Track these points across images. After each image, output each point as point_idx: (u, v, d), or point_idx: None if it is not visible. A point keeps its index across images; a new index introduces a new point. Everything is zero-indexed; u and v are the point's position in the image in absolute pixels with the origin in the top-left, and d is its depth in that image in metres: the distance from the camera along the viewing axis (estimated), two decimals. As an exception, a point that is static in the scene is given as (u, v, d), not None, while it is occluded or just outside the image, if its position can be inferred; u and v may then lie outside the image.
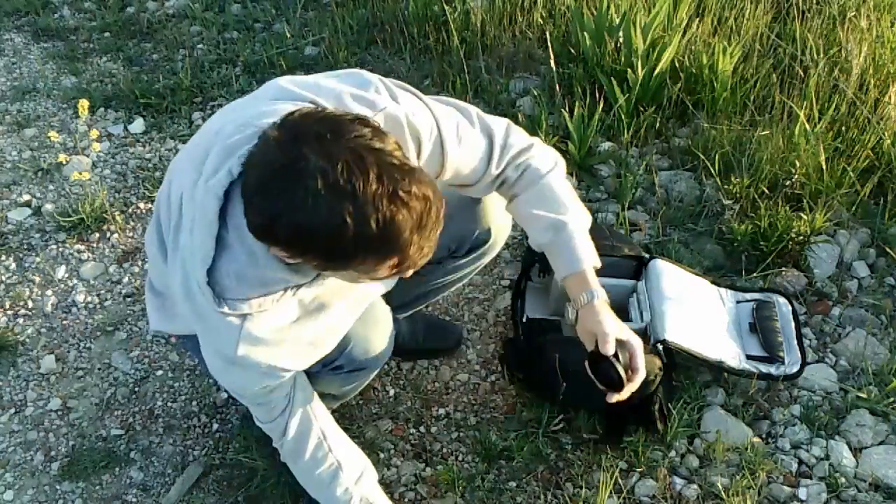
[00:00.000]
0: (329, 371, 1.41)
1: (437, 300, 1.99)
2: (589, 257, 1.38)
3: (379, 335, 1.45)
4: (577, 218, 1.38)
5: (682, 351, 1.75)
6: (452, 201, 1.44)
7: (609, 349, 1.33)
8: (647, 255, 1.94)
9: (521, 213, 1.40)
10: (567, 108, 2.44)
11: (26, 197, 2.44)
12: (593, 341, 1.35)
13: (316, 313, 1.24)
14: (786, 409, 1.83)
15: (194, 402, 1.89)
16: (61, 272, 2.21)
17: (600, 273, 1.90)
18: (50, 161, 2.56)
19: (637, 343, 1.37)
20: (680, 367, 1.85)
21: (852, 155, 2.24)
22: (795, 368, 1.82)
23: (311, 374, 1.39)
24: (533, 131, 2.39)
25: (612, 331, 1.34)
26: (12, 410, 1.88)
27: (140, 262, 2.23)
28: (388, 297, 1.50)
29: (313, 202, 0.94)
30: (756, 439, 1.77)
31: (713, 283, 1.97)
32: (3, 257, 2.25)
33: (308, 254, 1.01)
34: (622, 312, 1.90)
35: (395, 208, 0.95)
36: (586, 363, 1.38)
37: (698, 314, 1.85)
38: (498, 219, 1.55)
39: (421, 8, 2.91)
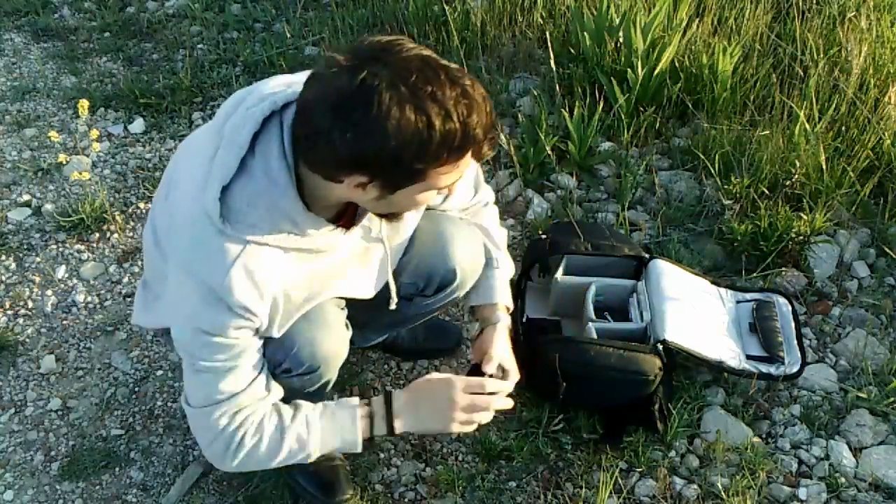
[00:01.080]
0: (281, 374, 1.39)
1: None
2: (506, 299, 1.59)
3: (327, 337, 1.39)
4: (508, 261, 1.62)
5: (681, 351, 1.75)
6: (421, 241, 1.47)
7: (489, 369, 1.47)
8: (647, 255, 1.94)
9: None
10: (567, 108, 2.44)
11: (26, 197, 2.44)
12: (482, 357, 1.49)
13: (306, 281, 1.27)
14: (786, 409, 1.83)
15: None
16: (61, 272, 2.21)
17: (601, 273, 1.92)
18: (50, 161, 2.56)
19: (515, 376, 1.52)
20: (680, 367, 1.85)
21: (852, 155, 2.24)
22: (795, 368, 1.82)
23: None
24: (533, 131, 2.39)
25: (500, 355, 1.50)
26: (12, 410, 1.88)
27: (140, 262, 2.23)
28: (361, 322, 1.51)
29: (399, 112, 1.00)
30: (756, 439, 1.77)
31: (713, 283, 1.97)
32: (3, 257, 2.25)
33: (398, 166, 1.05)
34: (622, 312, 1.90)
35: (468, 103, 1.04)
36: (466, 373, 1.52)
37: (698, 314, 1.85)
38: (464, 260, 1.52)
39: (421, 8, 2.91)
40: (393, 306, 1.49)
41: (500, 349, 1.51)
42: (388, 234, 1.39)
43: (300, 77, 1.15)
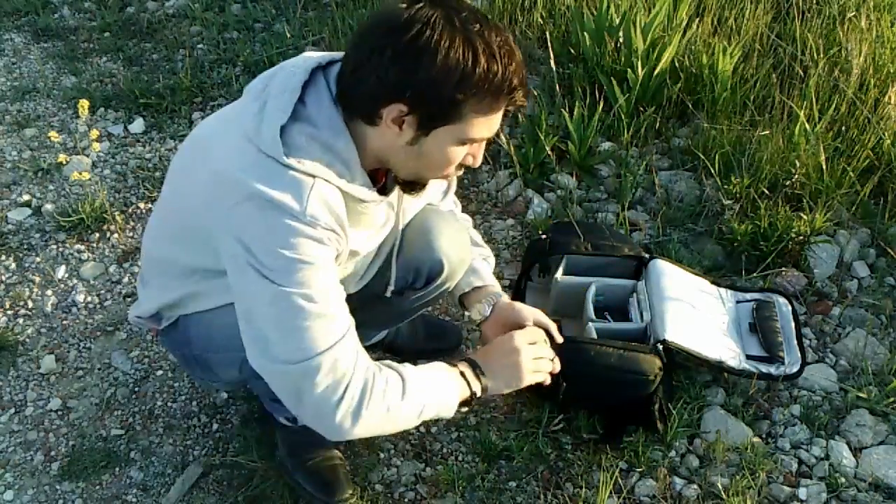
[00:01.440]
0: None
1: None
2: (496, 284, 1.63)
3: None
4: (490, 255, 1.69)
5: (682, 351, 1.75)
6: (407, 235, 1.48)
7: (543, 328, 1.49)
8: (647, 255, 1.94)
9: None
10: (567, 108, 2.44)
11: (26, 197, 2.44)
12: (513, 328, 1.47)
13: (354, 229, 1.28)
14: (786, 409, 1.83)
15: (194, 402, 1.89)
16: (61, 272, 2.21)
17: (601, 273, 1.92)
18: (50, 161, 2.56)
19: (552, 325, 1.53)
20: (680, 367, 1.85)
21: (852, 155, 2.24)
22: (795, 368, 1.82)
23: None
24: (533, 131, 2.39)
25: (533, 313, 1.52)
26: (12, 410, 1.88)
27: (140, 262, 2.23)
28: (358, 322, 1.51)
29: (449, 41, 1.09)
30: (756, 439, 1.77)
31: (713, 283, 1.97)
32: (3, 257, 2.25)
33: (439, 93, 1.11)
34: (622, 312, 1.90)
35: (510, 51, 1.14)
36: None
37: (698, 314, 1.85)
38: (450, 251, 1.54)
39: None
40: (388, 294, 1.51)
41: (528, 310, 1.52)
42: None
43: (328, 53, 1.24)
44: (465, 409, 1.37)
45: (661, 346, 1.74)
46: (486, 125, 1.19)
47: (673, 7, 2.54)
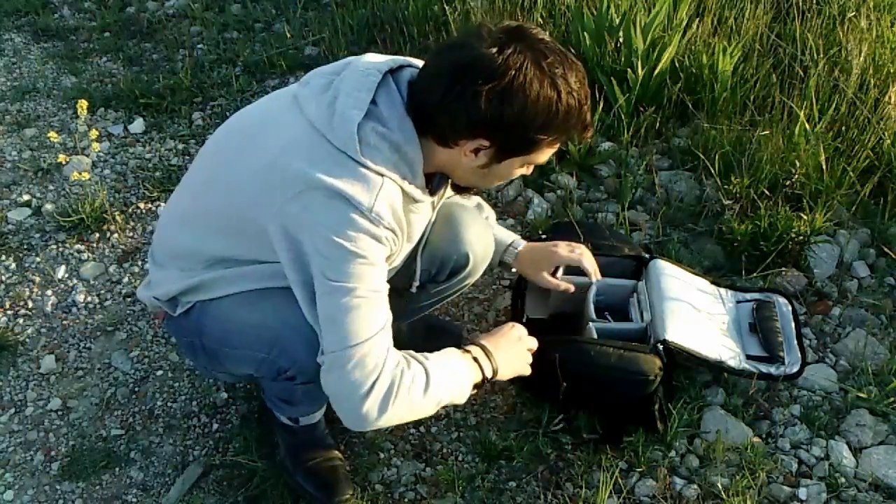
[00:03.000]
0: (283, 381, 1.40)
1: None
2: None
3: None
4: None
5: (682, 351, 1.75)
6: (433, 227, 1.50)
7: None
8: (647, 255, 1.94)
9: None
10: (567, 108, 2.44)
11: (26, 197, 2.44)
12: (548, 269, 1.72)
13: (407, 226, 1.33)
14: (786, 409, 1.83)
15: (194, 402, 1.89)
16: (61, 272, 2.21)
17: (601, 273, 1.91)
18: (50, 161, 2.56)
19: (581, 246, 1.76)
20: (680, 367, 1.85)
21: (852, 155, 2.24)
22: (795, 368, 1.82)
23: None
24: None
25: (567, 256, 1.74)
26: (12, 410, 1.88)
27: (140, 262, 2.23)
28: None
29: (539, 85, 1.16)
30: (756, 439, 1.77)
31: (713, 283, 1.97)
32: (3, 257, 2.25)
33: (524, 132, 1.20)
34: (622, 312, 1.90)
35: (586, 90, 1.24)
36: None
37: (698, 314, 1.85)
38: (476, 245, 1.59)
39: (421, 8, 2.91)
40: (414, 289, 1.56)
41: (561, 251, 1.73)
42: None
43: (391, 56, 1.29)
44: (474, 392, 1.41)
45: (661, 346, 1.74)
46: (550, 153, 1.30)
47: (673, 7, 2.54)
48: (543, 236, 1.96)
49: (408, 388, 1.24)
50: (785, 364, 1.82)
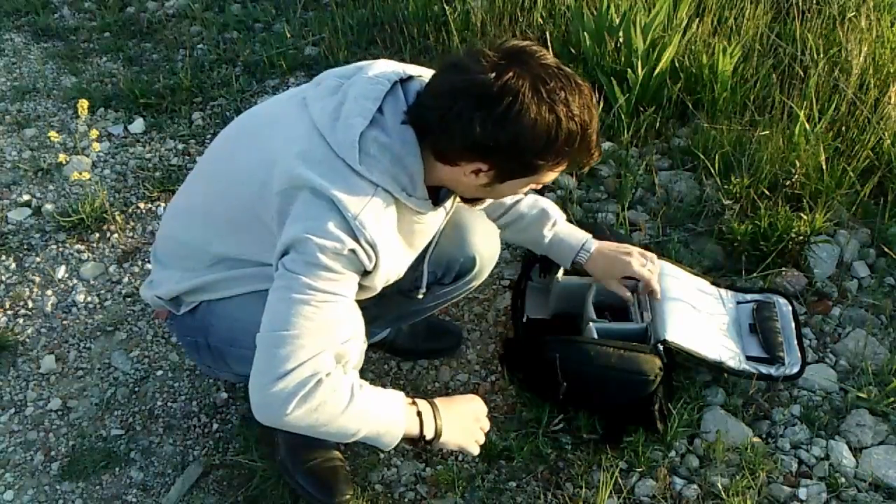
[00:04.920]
0: None
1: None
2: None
3: None
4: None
5: (682, 351, 1.75)
6: (441, 230, 1.49)
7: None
8: (647, 255, 1.94)
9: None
10: (567, 108, 2.44)
11: (26, 197, 2.44)
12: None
13: (404, 238, 1.32)
14: (786, 409, 1.83)
15: (194, 402, 1.89)
16: (61, 272, 2.21)
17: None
18: (50, 161, 2.56)
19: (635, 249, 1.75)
20: (680, 367, 1.85)
21: (852, 155, 2.24)
22: (795, 369, 1.82)
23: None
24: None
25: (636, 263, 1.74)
26: (12, 410, 1.88)
27: (140, 262, 2.23)
28: (371, 317, 1.50)
29: (537, 110, 1.13)
30: (756, 439, 1.77)
31: (713, 283, 1.97)
32: (3, 257, 2.25)
33: (523, 157, 1.18)
34: (623, 312, 1.90)
35: (591, 112, 1.20)
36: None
37: (699, 315, 1.85)
38: (483, 248, 1.59)
39: (421, 8, 2.91)
40: (420, 295, 1.55)
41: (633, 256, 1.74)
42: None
43: (403, 65, 1.28)
44: (408, 447, 1.39)
45: (661, 347, 1.74)
46: (557, 174, 1.27)
47: (673, 7, 2.54)
48: None
49: (326, 394, 1.19)
50: (785, 365, 1.82)
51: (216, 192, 1.36)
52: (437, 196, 1.34)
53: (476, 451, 1.44)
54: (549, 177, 1.27)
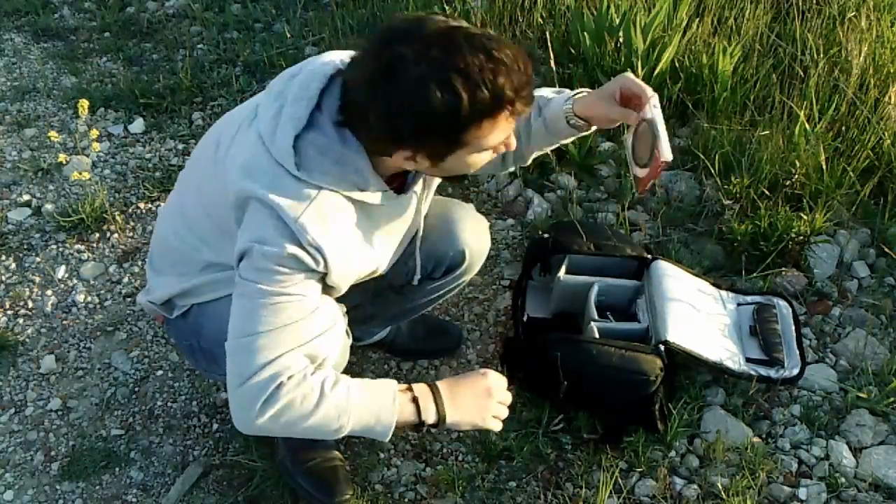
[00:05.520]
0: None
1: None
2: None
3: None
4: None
5: (682, 352, 1.75)
6: (429, 224, 1.48)
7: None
8: (648, 256, 1.94)
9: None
10: (567, 108, 2.44)
11: (26, 197, 2.44)
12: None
13: (363, 234, 1.28)
14: (786, 409, 1.83)
15: (194, 402, 1.89)
16: (61, 272, 2.21)
17: (602, 273, 1.91)
18: (50, 161, 2.56)
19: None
20: (680, 367, 1.85)
21: (852, 155, 2.24)
22: (795, 372, 1.82)
23: None
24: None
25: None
26: (12, 410, 1.88)
27: (140, 262, 2.23)
28: (367, 315, 1.50)
29: (425, 89, 1.04)
30: (756, 439, 1.77)
31: (714, 284, 1.97)
32: (3, 257, 2.25)
33: (435, 138, 1.11)
34: (624, 312, 1.90)
35: (494, 67, 1.06)
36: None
37: (699, 316, 1.85)
38: (472, 242, 1.58)
39: (421, 8, 2.90)
40: (416, 282, 1.53)
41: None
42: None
43: (347, 53, 1.22)
44: (413, 436, 1.32)
45: (662, 347, 1.74)
46: (500, 132, 1.15)
47: (673, 7, 2.54)
48: (545, 236, 1.96)
49: (290, 394, 1.17)
50: (784, 367, 1.82)
51: (196, 203, 1.37)
52: (405, 181, 1.31)
53: (497, 426, 1.34)
54: (491, 140, 1.15)
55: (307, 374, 1.20)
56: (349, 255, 1.26)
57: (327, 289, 1.27)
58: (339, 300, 1.37)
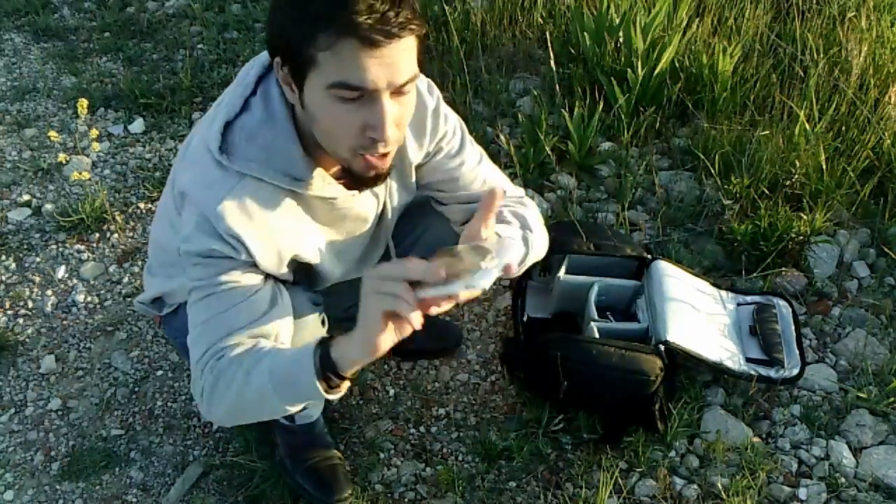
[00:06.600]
0: None
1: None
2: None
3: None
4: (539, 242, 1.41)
5: (682, 352, 1.75)
6: (429, 213, 1.47)
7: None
8: (648, 256, 1.94)
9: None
10: (567, 108, 2.44)
11: (26, 197, 2.44)
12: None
13: (297, 225, 1.24)
14: (786, 409, 1.83)
15: (194, 402, 1.88)
16: (61, 272, 2.21)
17: (602, 273, 1.91)
18: (50, 161, 2.56)
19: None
20: (680, 367, 1.85)
21: (852, 155, 2.24)
22: (795, 372, 1.82)
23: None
24: (533, 131, 2.39)
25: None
26: (12, 410, 1.88)
27: (140, 262, 2.23)
28: (353, 302, 1.47)
29: None
30: (756, 439, 1.77)
31: (714, 285, 1.97)
32: (3, 257, 2.25)
33: (287, 40, 1.04)
34: (624, 312, 1.90)
35: None
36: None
37: (699, 316, 1.85)
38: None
39: (421, 8, 2.91)
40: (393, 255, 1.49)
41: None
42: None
43: None
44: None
45: (662, 347, 1.74)
46: (346, 66, 1.01)
47: (673, 7, 2.54)
48: None
49: (221, 374, 1.15)
50: (784, 367, 1.82)
51: (173, 204, 1.37)
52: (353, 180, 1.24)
53: (384, 306, 0.99)
54: (334, 69, 1.02)
55: (235, 352, 1.18)
56: (277, 244, 1.22)
57: (277, 279, 1.25)
58: (336, 301, 1.37)
